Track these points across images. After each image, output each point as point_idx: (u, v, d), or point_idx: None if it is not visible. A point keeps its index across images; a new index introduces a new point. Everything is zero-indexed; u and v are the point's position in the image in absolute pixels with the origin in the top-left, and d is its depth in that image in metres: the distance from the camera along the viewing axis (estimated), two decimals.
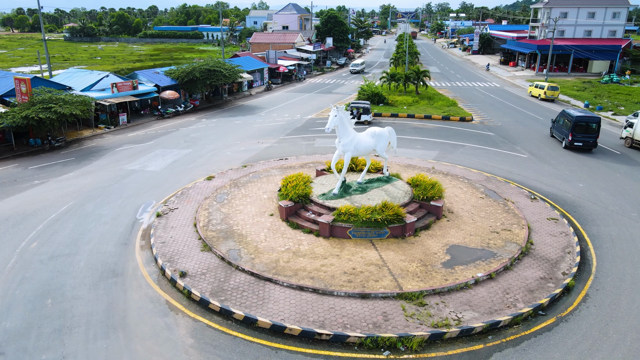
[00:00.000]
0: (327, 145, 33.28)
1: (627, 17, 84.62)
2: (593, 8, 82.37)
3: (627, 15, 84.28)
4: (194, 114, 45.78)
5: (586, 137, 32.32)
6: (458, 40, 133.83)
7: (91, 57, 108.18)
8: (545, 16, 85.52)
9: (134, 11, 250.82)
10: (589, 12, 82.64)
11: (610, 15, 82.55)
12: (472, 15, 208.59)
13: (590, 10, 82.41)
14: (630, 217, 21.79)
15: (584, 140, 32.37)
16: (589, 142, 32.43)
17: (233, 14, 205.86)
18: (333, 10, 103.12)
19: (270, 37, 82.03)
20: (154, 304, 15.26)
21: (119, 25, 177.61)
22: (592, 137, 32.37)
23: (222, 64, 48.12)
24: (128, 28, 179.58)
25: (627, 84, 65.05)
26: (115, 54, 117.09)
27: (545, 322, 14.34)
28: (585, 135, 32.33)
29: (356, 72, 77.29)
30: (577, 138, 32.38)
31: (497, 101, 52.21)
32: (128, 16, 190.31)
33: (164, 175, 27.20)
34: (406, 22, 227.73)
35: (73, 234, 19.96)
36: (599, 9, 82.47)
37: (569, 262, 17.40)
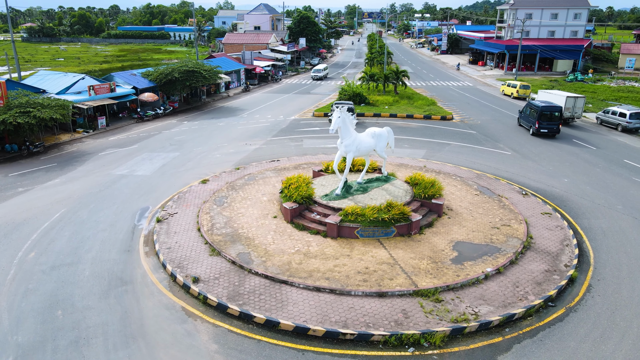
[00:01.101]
0: (316, 146, 33.40)
1: (588, 18, 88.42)
2: (556, 9, 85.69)
3: (588, 16, 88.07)
4: (174, 116, 44.96)
5: (550, 124, 36.18)
6: (426, 41, 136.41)
7: (53, 58, 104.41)
8: (511, 17, 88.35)
9: (95, 10, 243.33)
10: (552, 13, 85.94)
11: (572, 16, 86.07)
12: (436, 16, 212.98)
13: (553, 11, 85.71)
14: (616, 209, 22.89)
15: (548, 127, 36.22)
16: (553, 129, 36.31)
17: (199, 14, 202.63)
18: (302, 11, 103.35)
19: (244, 38, 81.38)
20: (169, 311, 15.01)
21: (80, 25, 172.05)
22: (556, 124, 36.25)
23: (202, 65, 47.45)
24: (90, 28, 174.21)
25: (590, 82, 67.98)
26: (78, 55, 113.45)
27: (556, 313, 14.94)
28: (550, 123, 36.17)
29: (318, 79, 69.94)
30: (542, 125, 36.16)
31: (473, 100, 53.61)
32: (90, 16, 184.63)
33: (155, 180, 26.67)
34: (372, 22, 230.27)
35: (71, 242, 19.35)
36: (561, 10, 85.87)
37: (569, 254, 18.16)
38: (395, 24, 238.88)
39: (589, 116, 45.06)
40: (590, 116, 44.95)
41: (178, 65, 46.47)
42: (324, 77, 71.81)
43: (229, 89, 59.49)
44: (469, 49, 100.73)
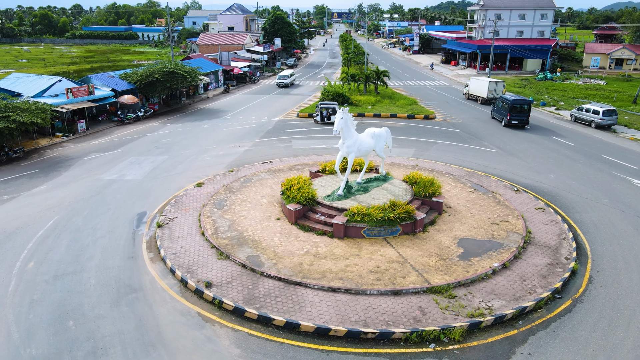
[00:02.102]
0: (305, 147, 33.44)
1: (553, 19, 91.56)
2: (524, 10, 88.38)
3: (553, 17, 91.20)
4: (155, 118, 44.10)
5: (520, 116, 39.59)
6: (397, 41, 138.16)
7: (16, 59, 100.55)
8: (482, 18, 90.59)
9: (56, 10, 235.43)
10: (520, 14, 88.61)
11: (538, 17, 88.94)
12: (405, 17, 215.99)
13: (521, 12, 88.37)
14: (603, 203, 23.90)
15: (519, 119, 39.56)
16: (522, 120, 39.65)
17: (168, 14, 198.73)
18: (275, 11, 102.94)
19: (218, 38, 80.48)
20: (185, 317, 14.81)
21: (42, 25, 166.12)
22: (525, 116, 39.64)
23: (182, 67, 46.72)
24: (53, 28, 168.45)
25: (559, 80, 70.46)
26: (43, 56, 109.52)
27: (564, 305, 15.52)
28: (520, 115, 39.57)
29: (284, 86, 62.56)
30: (513, 117, 39.52)
31: (451, 99, 54.74)
32: (52, 15, 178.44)
33: (147, 184, 26.15)
34: (342, 23, 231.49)
35: (71, 250, 18.79)
36: (529, 11, 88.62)
37: (567, 247, 18.87)
38: (365, 24, 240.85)
39: (563, 114, 46.73)
40: (564, 114, 46.62)
41: (158, 66, 45.59)
42: (291, 84, 64.35)
43: (207, 90, 58.76)
44: (441, 48, 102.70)
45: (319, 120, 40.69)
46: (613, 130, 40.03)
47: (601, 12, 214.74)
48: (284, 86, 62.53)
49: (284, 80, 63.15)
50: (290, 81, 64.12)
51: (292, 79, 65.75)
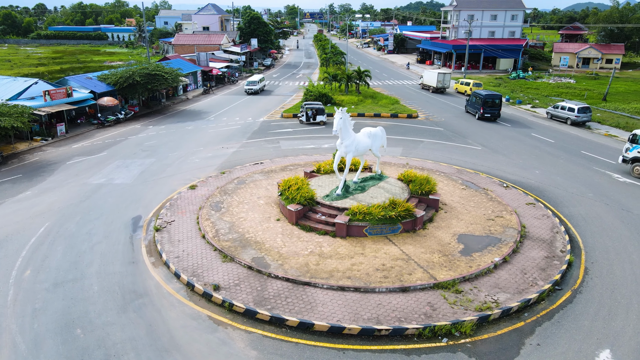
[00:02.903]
0: (294, 147, 33.46)
1: (523, 19, 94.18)
2: (495, 11, 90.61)
3: (524, 18, 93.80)
4: (136, 120, 43.25)
5: (492, 109, 42.75)
6: (372, 41, 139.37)
7: None
8: (455, 18, 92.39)
9: (19, 9, 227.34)
10: (492, 14, 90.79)
11: (509, 17, 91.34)
12: (377, 17, 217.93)
13: (493, 13, 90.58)
14: (588, 197, 24.82)
15: (491, 112, 42.74)
16: (494, 113, 42.88)
17: (137, 14, 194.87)
18: (249, 11, 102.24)
19: (195, 39, 79.47)
20: (197, 321, 14.66)
21: (5, 26, 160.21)
22: (496, 110, 42.93)
23: (162, 68, 45.97)
24: (17, 28, 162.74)
25: (531, 79, 72.54)
26: (8, 57, 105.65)
27: (564, 296, 16.08)
28: (492, 108, 42.73)
29: (253, 93, 56.19)
30: (486, 111, 42.70)
31: (430, 98, 55.65)
32: (16, 15, 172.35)
33: (138, 188, 25.68)
34: (314, 23, 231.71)
35: (68, 257, 18.32)
36: (500, 11, 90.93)
37: (561, 240, 19.54)
38: (337, 24, 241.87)
39: (539, 111, 48.18)
40: (540, 111, 48.06)
41: (138, 67, 44.70)
42: (261, 90, 58.22)
43: (186, 91, 57.96)
44: (416, 48, 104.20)
45: (304, 121, 40.74)
46: (588, 126, 41.53)
47: (564, 13, 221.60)
48: (253, 93, 56.31)
49: (253, 86, 56.52)
50: (260, 87, 57.76)
51: (262, 85, 59.46)
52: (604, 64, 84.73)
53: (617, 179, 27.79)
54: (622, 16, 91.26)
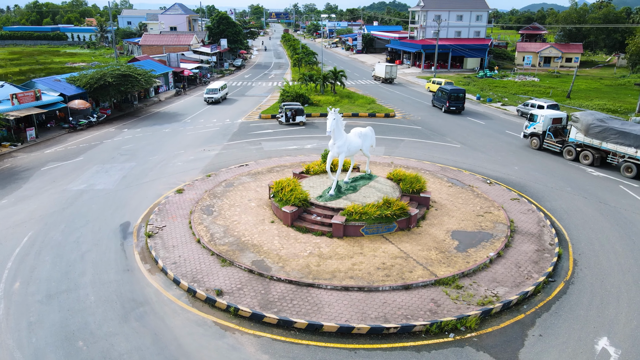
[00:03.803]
0: (277, 148, 33.32)
1: (488, 20, 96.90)
2: (461, 11, 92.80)
3: (488, 18, 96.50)
4: (109, 124, 42.01)
5: (457, 103, 46.52)
6: (340, 41, 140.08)
7: None
8: (422, 18, 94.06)
9: None
10: (458, 15, 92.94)
11: (474, 18, 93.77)
12: (344, 17, 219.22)
13: (459, 13, 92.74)
14: (567, 191, 25.83)
15: (456, 106, 46.48)
16: (459, 106, 46.62)
17: (98, 13, 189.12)
18: (215, 10, 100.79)
19: (163, 39, 77.81)
20: (202, 327, 14.43)
21: None
22: (461, 103, 46.74)
23: (135, 69, 44.81)
24: None
25: (498, 77, 74.71)
26: None
27: (558, 287, 16.70)
28: (456, 102, 46.48)
29: (214, 102, 50.63)
30: (451, 104, 46.42)
31: (404, 97, 56.49)
32: None
33: (122, 193, 24.98)
34: (279, 23, 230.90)
35: (58, 267, 17.65)
36: (465, 12, 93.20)
37: (548, 234, 20.27)
38: (304, 24, 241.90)
39: (510, 109, 49.69)
40: (510, 109, 49.57)
41: (109, 69, 43.43)
42: (223, 99, 52.44)
43: (158, 93, 56.71)
44: (384, 48, 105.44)
45: (283, 122, 40.59)
46: None
47: (522, 13, 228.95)
48: (214, 102, 50.59)
49: (214, 94, 50.64)
50: (221, 95, 51.84)
51: (225, 93, 53.58)
52: (563, 63, 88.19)
53: (591, 172, 29.02)
54: (580, 16, 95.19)
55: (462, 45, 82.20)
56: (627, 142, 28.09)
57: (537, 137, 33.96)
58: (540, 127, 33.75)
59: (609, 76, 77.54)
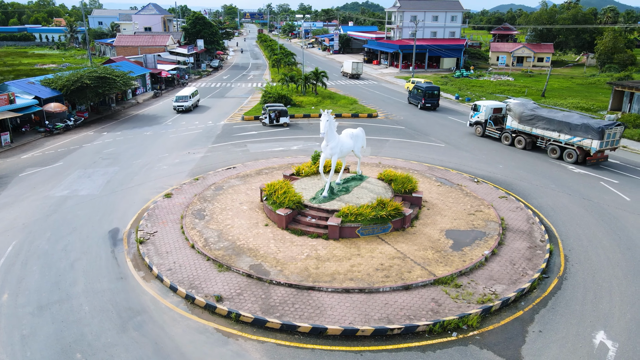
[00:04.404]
0: (263, 150, 33.05)
1: (462, 20, 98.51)
2: (436, 12, 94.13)
3: (462, 19, 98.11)
4: (87, 127, 40.91)
5: (432, 100, 48.50)
6: (316, 41, 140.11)
7: None
8: (399, 19, 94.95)
9: None
10: (433, 15, 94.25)
11: (449, 18, 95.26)
12: (319, 17, 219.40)
13: (434, 14, 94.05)
14: (552, 188, 26.43)
15: (431, 102, 48.41)
16: (434, 103, 48.57)
17: (67, 13, 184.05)
18: (191, 10, 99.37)
19: (138, 40, 76.26)
20: (204, 335, 14.16)
21: None
22: (435, 100, 48.74)
23: (112, 71, 43.76)
24: None
25: (474, 77, 76.02)
26: None
27: (553, 283, 17.06)
28: (432, 99, 48.48)
29: (184, 111, 45.89)
30: (427, 101, 48.36)
31: (385, 97, 56.88)
32: None
33: (108, 199, 24.34)
34: (253, 23, 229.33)
35: (47, 277, 17.05)
36: (441, 13, 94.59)
37: (539, 231, 20.69)
38: (278, 24, 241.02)
39: None
40: None
41: (86, 71, 42.28)
42: (194, 107, 47.88)
43: (136, 95, 55.54)
44: (361, 48, 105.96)
45: (267, 123, 40.31)
46: None
47: (492, 14, 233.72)
48: (184, 110, 45.90)
49: (184, 102, 45.68)
50: (193, 103, 47.09)
51: (196, 100, 48.81)
52: (535, 62, 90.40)
53: (572, 170, 29.79)
54: (551, 17, 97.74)
55: (439, 46, 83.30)
56: (551, 127, 32.00)
57: (480, 125, 37.90)
58: (483, 117, 37.52)
59: (579, 75, 79.79)
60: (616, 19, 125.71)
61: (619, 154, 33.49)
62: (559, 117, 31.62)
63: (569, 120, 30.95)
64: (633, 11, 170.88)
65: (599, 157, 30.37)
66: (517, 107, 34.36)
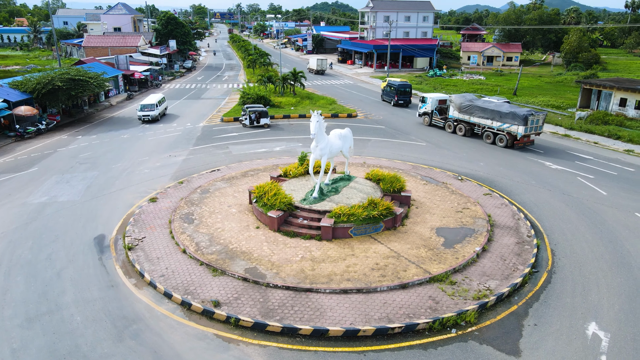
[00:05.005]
0: (246, 152, 32.74)
1: (434, 20, 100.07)
2: (408, 12, 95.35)
3: (434, 19, 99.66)
4: (60, 131, 39.62)
5: (404, 97, 50.76)
6: (289, 41, 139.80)
7: None
8: (372, 19, 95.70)
9: None
10: (406, 15, 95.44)
11: (421, 19, 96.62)
12: (291, 17, 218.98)
13: (407, 14, 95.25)
14: (532, 184, 27.13)
15: (403, 99, 50.64)
16: (406, 100, 50.87)
17: (29, 13, 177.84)
18: (158, 10, 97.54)
19: (108, 40, 74.36)
20: (204, 341, 13.92)
21: None
22: (408, 97, 50.94)
23: (85, 72, 42.52)
24: None
25: (447, 76, 77.30)
26: None
27: (542, 277, 17.51)
28: (404, 96, 50.75)
29: (151, 121, 41.11)
30: (399, 98, 50.49)
31: (362, 97, 57.20)
32: None
33: (90, 204, 23.63)
34: (223, 23, 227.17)
35: (33, 287, 16.44)
36: (413, 13, 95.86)
37: (524, 226, 21.19)
38: (250, 24, 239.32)
39: None
40: None
41: (58, 72, 40.93)
42: (162, 116, 43.30)
43: (108, 97, 54.13)
44: (334, 48, 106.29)
45: (247, 124, 39.94)
46: None
47: (460, 14, 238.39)
48: (151, 120, 41.02)
49: (150, 111, 40.77)
50: (160, 111, 42.14)
51: (164, 108, 43.72)
52: (505, 62, 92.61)
53: (549, 166, 30.66)
54: (518, 17, 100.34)
55: (412, 45, 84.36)
56: (485, 115, 35.83)
57: (427, 115, 41.72)
58: (429, 107, 41.44)
59: (547, 74, 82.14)
60: (579, 19, 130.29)
61: (591, 149, 34.69)
62: (492, 107, 35.29)
63: (499, 109, 34.65)
64: (592, 11, 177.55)
65: (525, 141, 34.50)
66: (458, 98, 38.26)
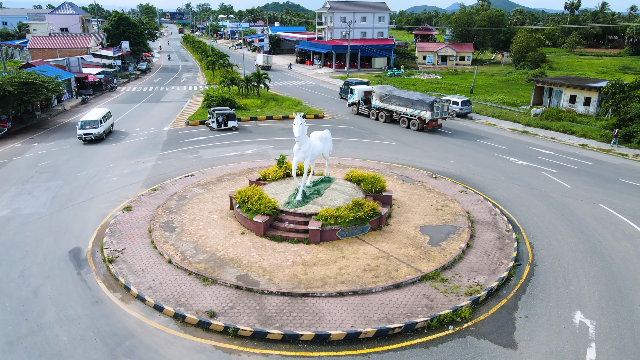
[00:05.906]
0: (217, 156, 32.05)
1: (389, 21, 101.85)
2: (364, 13, 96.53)
3: (389, 20, 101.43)
4: (12, 139, 37.29)
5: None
6: (245, 42, 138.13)
7: None
8: (329, 20, 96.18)
9: None
10: (362, 16, 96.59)
11: (377, 19, 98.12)
12: (244, 17, 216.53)
13: (363, 15, 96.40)
14: (502, 180, 28.12)
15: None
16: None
17: None
18: (99, 9, 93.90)
19: (56, 42, 70.71)
20: (204, 354, 13.51)
21: None
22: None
23: (37, 76, 40.24)
24: None
25: (405, 76, 78.86)
26: None
27: (525, 270, 18.17)
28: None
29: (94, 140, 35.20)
30: None
31: (326, 97, 57.35)
32: None
33: (59, 216, 22.39)
34: (173, 23, 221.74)
35: (9, 308, 15.40)
36: (369, 14, 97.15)
37: (502, 221, 21.92)
38: (201, 24, 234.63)
39: None
40: None
41: (7, 76, 38.49)
42: (108, 133, 37.51)
43: (61, 101, 51.50)
44: (292, 49, 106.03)
45: (214, 127, 39.11)
46: (470, 117, 46.70)
47: (410, 15, 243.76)
48: (95, 140, 35.23)
49: (93, 128, 35.07)
50: (106, 128, 36.62)
51: (110, 124, 38.11)
52: (458, 61, 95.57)
53: (515, 161, 31.89)
54: (469, 18, 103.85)
55: (370, 46, 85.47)
56: (401, 103, 40.91)
57: (355, 105, 46.53)
58: (356, 98, 46.34)
59: (498, 73, 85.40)
60: (524, 20, 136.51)
61: (550, 144, 36.39)
62: (406, 96, 40.67)
63: (411, 97, 40.01)
64: (534, 13, 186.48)
65: (434, 124, 39.70)
66: (379, 89, 43.21)
